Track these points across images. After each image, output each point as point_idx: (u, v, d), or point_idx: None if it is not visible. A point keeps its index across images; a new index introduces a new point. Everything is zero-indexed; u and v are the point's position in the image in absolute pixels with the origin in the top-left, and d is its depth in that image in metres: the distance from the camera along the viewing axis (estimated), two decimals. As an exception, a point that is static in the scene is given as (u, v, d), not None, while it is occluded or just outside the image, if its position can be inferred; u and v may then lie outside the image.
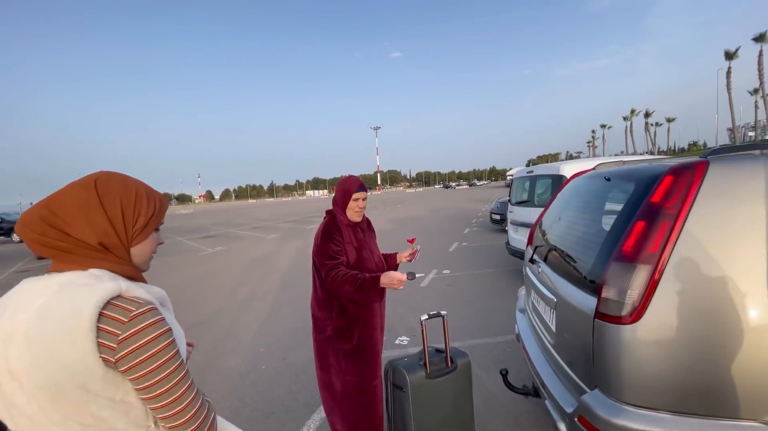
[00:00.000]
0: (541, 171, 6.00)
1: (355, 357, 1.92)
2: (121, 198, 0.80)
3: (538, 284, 2.12)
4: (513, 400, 2.74)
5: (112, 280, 0.75)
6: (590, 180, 2.15)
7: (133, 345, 0.70)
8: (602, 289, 1.42)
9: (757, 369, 1.21)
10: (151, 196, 0.86)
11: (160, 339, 0.73)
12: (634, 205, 1.50)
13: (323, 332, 1.95)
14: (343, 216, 1.97)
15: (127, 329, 0.70)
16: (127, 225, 0.81)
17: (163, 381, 0.73)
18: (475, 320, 4.33)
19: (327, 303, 1.93)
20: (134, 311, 0.72)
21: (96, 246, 0.77)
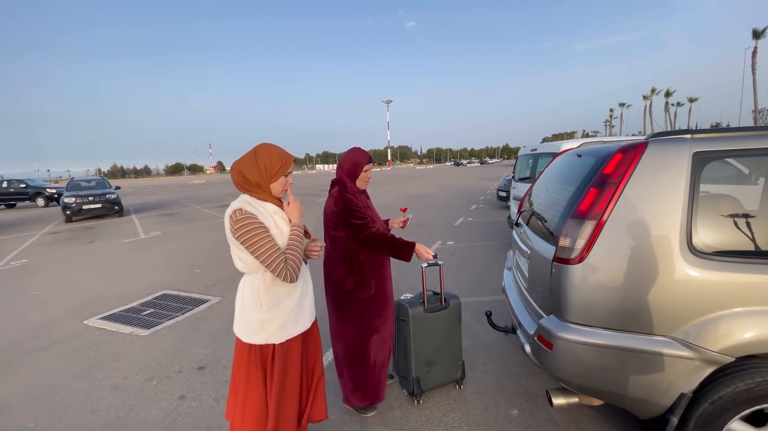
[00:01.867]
0: (543, 149, 6.31)
1: (373, 303, 2.24)
2: (264, 159, 1.57)
3: (520, 242, 2.56)
4: (498, 343, 3.24)
5: (245, 202, 1.53)
6: (568, 156, 2.54)
7: (238, 230, 1.48)
8: (559, 239, 1.85)
9: (666, 298, 1.64)
10: (279, 158, 1.58)
11: (250, 230, 1.48)
12: (591, 175, 1.90)
13: (342, 287, 2.21)
14: (353, 185, 2.23)
15: (235, 223, 1.48)
16: (268, 173, 1.57)
17: (254, 248, 1.48)
18: (471, 283, 4.82)
19: (345, 261, 2.19)
20: (239, 216, 1.49)
21: (254, 184, 1.57)
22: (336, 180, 2.28)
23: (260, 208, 1.56)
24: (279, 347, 1.59)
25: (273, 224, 1.55)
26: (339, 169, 2.29)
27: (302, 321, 1.66)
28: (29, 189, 19.73)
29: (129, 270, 6.22)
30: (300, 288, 1.66)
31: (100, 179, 14.86)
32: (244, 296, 1.59)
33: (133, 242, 8.69)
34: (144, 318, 4.15)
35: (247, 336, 1.57)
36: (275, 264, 1.49)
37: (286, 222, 1.62)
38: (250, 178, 1.56)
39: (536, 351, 1.96)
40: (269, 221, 1.54)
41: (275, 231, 1.55)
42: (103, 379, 2.93)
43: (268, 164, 1.56)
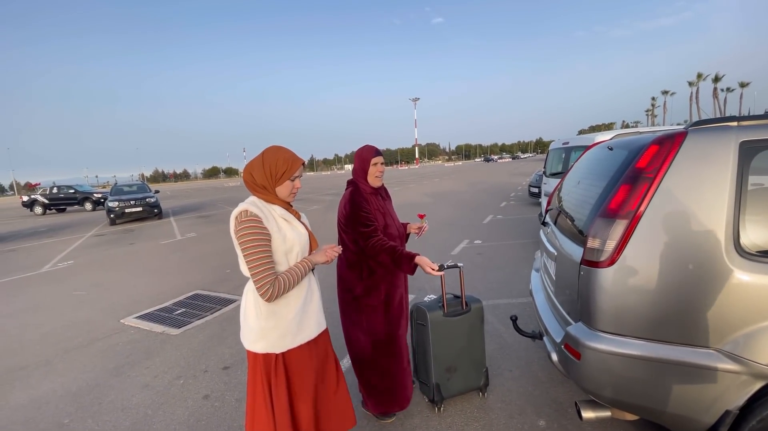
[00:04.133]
0: (576, 142, 5.99)
1: (383, 310, 2.13)
2: (270, 162, 1.54)
3: (547, 243, 2.41)
4: (525, 348, 3.09)
5: (251, 203, 1.50)
6: (599, 150, 2.36)
7: (238, 233, 1.45)
8: (587, 240, 1.71)
9: (709, 305, 1.47)
10: (285, 161, 1.55)
11: (250, 234, 1.44)
12: (623, 169, 1.74)
13: (351, 291, 2.12)
14: (366, 185, 2.12)
15: (239, 224, 1.46)
16: (273, 176, 1.54)
17: (247, 254, 1.44)
18: (499, 284, 4.64)
19: (357, 265, 2.10)
20: (242, 218, 1.46)
21: (261, 185, 1.55)
22: (350, 180, 2.22)
23: (266, 210, 1.53)
24: (281, 357, 1.55)
25: (276, 228, 1.51)
26: (353, 170, 2.23)
27: (306, 331, 1.60)
28: (78, 194, 21.14)
29: (165, 271, 6.50)
30: (303, 296, 1.60)
31: (141, 184, 15.68)
32: (247, 301, 1.57)
33: (170, 244, 9.10)
34: (176, 317, 4.30)
35: (248, 342, 1.55)
36: (261, 277, 1.43)
37: (291, 227, 1.57)
38: (257, 180, 1.55)
39: (563, 360, 1.83)
40: (273, 225, 1.51)
41: (277, 236, 1.50)
42: (135, 377, 3.05)
43: (273, 167, 1.53)
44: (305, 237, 1.64)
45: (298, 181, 1.61)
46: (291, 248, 1.56)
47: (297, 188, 1.62)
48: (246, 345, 1.56)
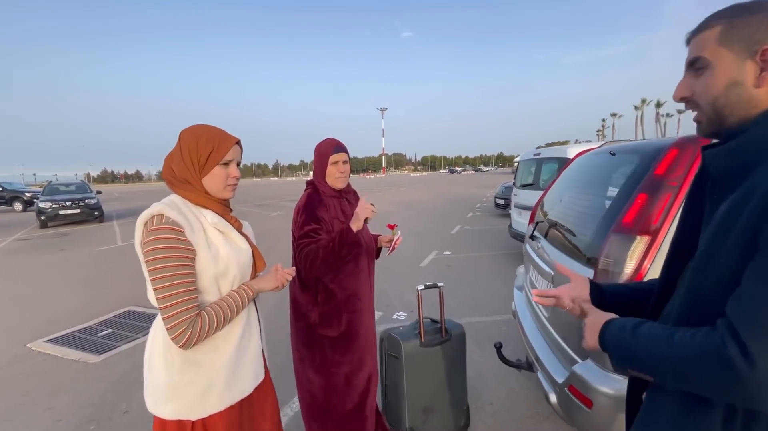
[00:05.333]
0: (547, 154, 5.92)
1: (342, 344, 1.72)
2: (188, 144, 1.11)
3: (537, 260, 2.11)
4: (506, 375, 2.78)
5: (170, 205, 1.06)
6: (595, 156, 2.12)
7: (146, 247, 1.01)
8: (599, 260, 1.41)
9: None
10: (209, 140, 1.11)
11: (161, 250, 0.99)
12: (637, 177, 1.47)
13: (305, 318, 1.72)
14: (325, 186, 1.75)
15: (147, 236, 1.01)
16: (193, 163, 1.10)
17: (154, 280, 1.00)
18: (472, 299, 4.36)
19: (312, 286, 1.71)
20: (154, 225, 1.01)
21: (182, 179, 1.12)
22: (309, 180, 1.83)
23: (191, 215, 1.09)
24: (199, 425, 1.09)
25: (205, 242, 1.08)
26: (313, 170, 1.83)
27: (238, 386, 1.15)
28: (5, 192, 18.94)
29: (96, 282, 5.67)
30: (238, 337, 1.16)
31: (80, 183, 14.20)
32: (154, 343, 1.11)
33: (108, 251, 8.11)
34: (99, 340, 3.62)
35: (153, 403, 1.09)
36: (174, 314, 1.00)
37: (227, 241, 1.14)
38: (177, 172, 1.12)
39: (566, 405, 1.50)
40: (200, 237, 1.07)
41: (205, 254, 1.06)
42: (31, 423, 2.42)
43: (194, 151, 1.10)
44: (247, 256, 1.21)
45: (233, 166, 1.16)
46: (225, 271, 1.12)
47: (234, 177, 1.17)
48: (150, 406, 1.09)
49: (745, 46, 0.63)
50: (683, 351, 0.59)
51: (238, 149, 1.17)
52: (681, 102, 0.74)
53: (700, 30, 0.69)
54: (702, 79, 0.68)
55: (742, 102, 0.65)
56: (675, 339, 0.62)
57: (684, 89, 0.72)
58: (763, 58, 0.62)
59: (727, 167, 0.66)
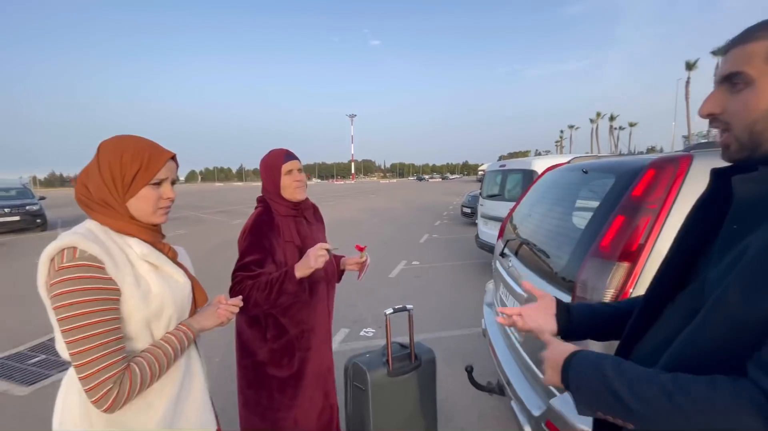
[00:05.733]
0: (512, 165, 6.01)
1: (293, 386, 1.53)
2: (109, 160, 0.91)
3: (508, 278, 2.04)
4: (476, 396, 2.68)
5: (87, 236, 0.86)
6: (566, 172, 2.08)
7: (55, 291, 0.80)
8: (577, 286, 1.34)
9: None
10: (137, 155, 0.92)
11: (77, 293, 0.80)
12: (613, 199, 1.42)
13: (252, 356, 1.53)
14: (280, 204, 1.54)
15: (55, 276, 0.81)
16: (116, 183, 0.91)
17: (66, 331, 0.80)
18: (441, 312, 4.28)
19: (260, 320, 1.52)
20: (65, 262, 0.81)
21: (100, 201, 0.92)
22: (259, 198, 1.62)
23: (113, 247, 0.89)
24: None
25: (133, 281, 0.89)
26: (262, 187, 1.62)
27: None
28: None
29: (33, 300, 5.08)
30: (176, 387, 0.97)
31: (21, 188, 12.97)
32: (66, 407, 0.90)
33: (48, 262, 7.39)
34: (29, 368, 3.21)
35: None
36: (93, 372, 0.80)
37: (160, 277, 0.96)
38: (94, 192, 0.92)
39: (544, 440, 1.41)
40: (126, 274, 0.88)
41: (133, 293, 0.88)
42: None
43: (116, 168, 0.91)
44: (185, 291, 1.02)
45: (167, 186, 0.98)
46: (159, 311, 0.93)
47: (168, 199, 0.98)
48: None
49: None
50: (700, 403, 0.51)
51: (173, 165, 0.99)
52: (706, 118, 0.64)
53: (744, 40, 0.60)
54: (740, 97, 0.59)
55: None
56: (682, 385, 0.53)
57: (714, 104, 0.62)
58: None
59: (756, 195, 0.59)
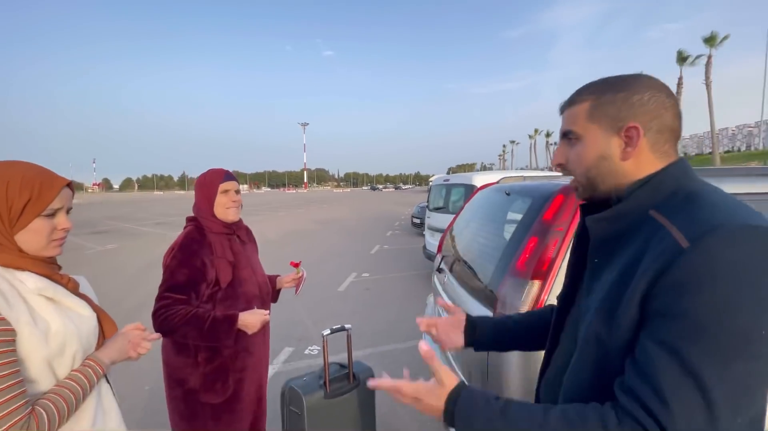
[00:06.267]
0: (455, 180, 6.29)
1: (229, 411, 1.49)
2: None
3: (443, 294, 2.13)
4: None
5: None
6: (493, 193, 2.23)
7: None
8: (497, 303, 1.43)
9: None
10: (26, 184, 0.85)
11: None
12: (528, 221, 1.55)
13: (182, 385, 1.46)
14: (213, 221, 1.51)
15: None
16: (1, 216, 0.83)
17: None
18: (388, 325, 4.33)
19: (187, 346, 1.44)
20: None
21: None
22: (189, 217, 1.57)
23: (3, 284, 0.82)
24: None
25: (28, 320, 0.81)
26: (194, 205, 1.56)
27: None
28: None
29: None
30: (89, 423, 0.91)
31: None
32: None
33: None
34: None
35: None
36: None
37: (60, 311, 0.88)
38: None
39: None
40: (20, 313, 0.80)
41: (31, 334, 0.81)
42: None
43: (2, 201, 0.84)
44: (90, 324, 0.95)
45: (62, 216, 0.91)
46: (61, 349, 0.86)
47: (64, 230, 0.91)
48: None
49: (611, 122, 0.66)
50: None
51: (69, 193, 0.92)
52: (558, 168, 0.76)
53: (571, 103, 0.72)
54: (575, 150, 0.71)
55: (611, 173, 0.68)
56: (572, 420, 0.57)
57: (560, 156, 0.74)
58: (627, 135, 0.65)
59: (606, 232, 0.68)
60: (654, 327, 0.54)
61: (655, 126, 0.64)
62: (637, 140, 0.65)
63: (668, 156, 0.66)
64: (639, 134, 0.64)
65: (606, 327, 0.60)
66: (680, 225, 0.56)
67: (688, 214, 0.57)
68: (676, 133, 0.66)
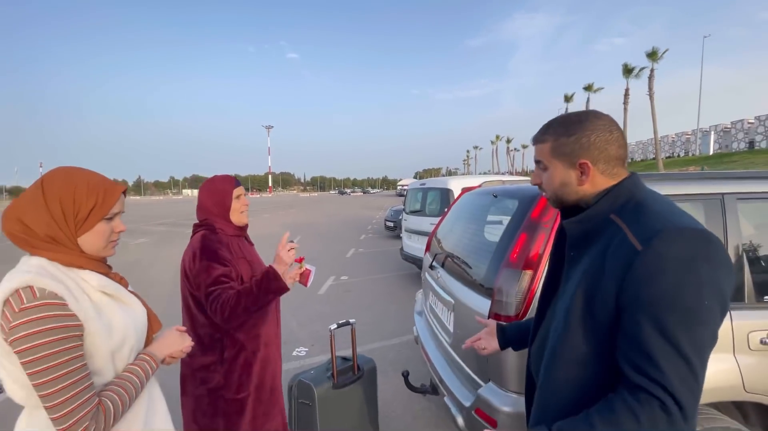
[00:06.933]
0: (432, 184, 6.53)
1: (252, 404, 1.55)
2: (60, 195, 0.89)
3: (438, 288, 2.30)
4: (409, 399, 2.89)
5: (42, 273, 0.84)
6: (479, 196, 2.44)
7: (18, 334, 0.78)
8: (495, 292, 1.62)
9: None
10: (92, 190, 0.93)
11: (44, 333, 0.79)
12: (518, 219, 1.75)
13: (205, 383, 1.50)
14: (227, 225, 1.60)
15: (16, 317, 0.79)
16: (68, 219, 0.90)
17: (40, 372, 0.79)
18: (372, 324, 4.45)
19: (213, 343, 1.50)
20: (25, 303, 0.79)
21: (45, 238, 0.89)
22: (198, 224, 1.62)
23: (70, 282, 0.88)
24: None
25: (94, 314, 0.88)
26: (200, 209, 1.62)
27: None
28: None
29: None
30: (142, 418, 0.98)
31: None
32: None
33: None
34: None
35: None
36: (71, 411, 0.80)
37: (120, 307, 0.95)
38: (38, 229, 0.88)
39: (473, 426, 1.65)
40: (87, 308, 0.87)
41: (97, 327, 0.87)
42: None
43: (70, 205, 0.90)
44: (143, 319, 1.03)
45: (118, 220, 0.99)
46: (121, 343, 0.93)
47: (120, 232, 1.00)
48: None
49: (568, 159, 0.87)
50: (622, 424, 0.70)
51: (123, 198, 1.00)
52: (536, 186, 0.97)
53: (538, 141, 0.92)
54: (545, 175, 0.93)
55: (572, 194, 0.89)
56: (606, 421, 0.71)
57: (536, 178, 0.97)
58: (580, 168, 0.86)
59: (579, 232, 0.89)
60: (632, 312, 0.72)
61: (602, 158, 0.84)
62: (588, 171, 0.85)
63: (619, 175, 0.86)
64: (589, 167, 0.85)
65: (584, 302, 0.79)
66: (634, 230, 0.75)
67: (638, 220, 0.77)
68: (621, 159, 0.86)
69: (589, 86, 46.93)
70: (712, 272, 0.70)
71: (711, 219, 1.58)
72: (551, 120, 0.92)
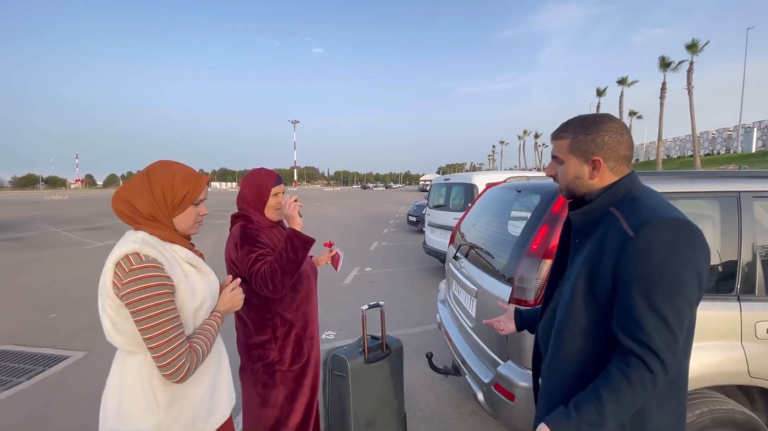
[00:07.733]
0: (456, 179, 6.63)
1: (301, 375, 1.74)
2: (162, 183, 1.12)
3: (461, 277, 2.46)
4: (432, 382, 3.07)
5: (144, 243, 1.06)
6: (504, 191, 2.57)
7: (129, 289, 1.00)
8: (515, 279, 1.77)
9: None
10: (185, 181, 1.14)
11: (148, 289, 1.00)
12: (539, 213, 1.89)
13: (262, 359, 1.66)
14: (262, 218, 1.70)
15: (126, 276, 1.00)
16: (167, 202, 1.12)
17: (143, 320, 1.00)
18: (395, 313, 4.64)
19: (265, 322, 1.65)
20: (134, 265, 1.01)
21: (147, 216, 1.11)
22: (236, 214, 1.73)
23: (166, 252, 1.10)
24: None
25: (183, 279, 1.10)
26: (240, 199, 1.73)
27: (219, 412, 1.20)
28: None
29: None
30: (214, 363, 1.21)
31: None
32: (124, 390, 1.07)
33: (-49, 278, 6.51)
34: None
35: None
36: (171, 350, 1.02)
37: (201, 276, 1.18)
38: (143, 209, 1.10)
39: (492, 401, 1.81)
40: (178, 273, 1.10)
41: (184, 289, 1.10)
42: None
43: (169, 191, 1.12)
44: (215, 287, 1.25)
45: (203, 205, 1.22)
46: (202, 303, 1.15)
47: (204, 215, 1.23)
48: None
49: (583, 155, 0.99)
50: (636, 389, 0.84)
51: (207, 188, 1.23)
52: (550, 178, 1.11)
53: (557, 137, 1.05)
54: (560, 169, 1.05)
55: (583, 186, 1.02)
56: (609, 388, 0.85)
57: (551, 170, 1.09)
58: (593, 164, 0.99)
59: (582, 222, 1.03)
60: (625, 288, 0.86)
61: (612, 157, 0.97)
62: (599, 167, 0.98)
63: (623, 172, 0.99)
64: (600, 164, 0.98)
65: (586, 281, 0.94)
66: (628, 220, 0.89)
67: (632, 212, 0.91)
68: (628, 158, 0.99)
69: (623, 80, 45.09)
70: (691, 254, 0.84)
71: (726, 216, 1.66)
72: (570, 119, 1.05)
